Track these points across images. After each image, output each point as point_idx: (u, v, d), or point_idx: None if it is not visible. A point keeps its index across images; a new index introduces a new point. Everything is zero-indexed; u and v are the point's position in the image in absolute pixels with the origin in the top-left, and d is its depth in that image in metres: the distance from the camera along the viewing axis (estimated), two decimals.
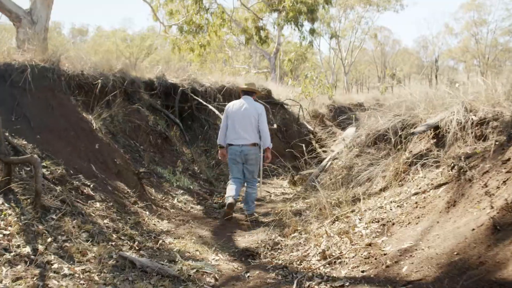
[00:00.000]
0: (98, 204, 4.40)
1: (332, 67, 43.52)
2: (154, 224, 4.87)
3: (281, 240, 4.50)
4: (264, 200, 7.24)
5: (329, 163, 7.31)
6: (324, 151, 12.83)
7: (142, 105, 8.23)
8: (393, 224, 3.76)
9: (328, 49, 43.53)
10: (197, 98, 9.59)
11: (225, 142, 6.08)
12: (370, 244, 3.59)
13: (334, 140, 16.31)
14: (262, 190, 7.78)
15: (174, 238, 4.55)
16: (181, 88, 9.41)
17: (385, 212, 4.14)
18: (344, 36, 41.22)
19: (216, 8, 15.96)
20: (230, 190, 5.84)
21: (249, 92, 6.26)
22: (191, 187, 7.15)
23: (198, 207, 6.37)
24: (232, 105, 6.12)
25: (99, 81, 7.07)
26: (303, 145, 12.11)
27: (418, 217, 3.69)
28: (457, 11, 59.01)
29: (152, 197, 5.86)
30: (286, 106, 13.32)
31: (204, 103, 9.45)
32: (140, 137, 7.55)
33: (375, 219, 4.06)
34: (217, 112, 9.27)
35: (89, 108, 6.55)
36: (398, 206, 4.12)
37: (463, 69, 59.60)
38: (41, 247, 3.07)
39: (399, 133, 5.38)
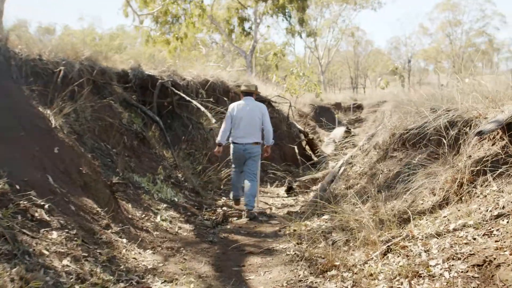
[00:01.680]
0: (55, 234, 3.08)
1: (307, 66, 42.63)
2: (135, 258, 3.57)
3: (316, 282, 3.27)
4: (265, 214, 6.02)
5: (342, 168, 6.14)
6: (319, 155, 11.73)
7: (115, 100, 6.87)
8: (498, 266, 2.58)
9: (304, 47, 42.65)
10: (178, 92, 8.29)
11: (225, 141, 6.29)
12: None
13: (320, 141, 15.32)
14: (259, 201, 6.57)
15: (164, 281, 3.27)
16: (160, 81, 8.08)
17: (465, 243, 2.96)
18: (320, 35, 40.46)
19: None
20: (235, 189, 6.37)
21: (250, 93, 6.53)
22: (176, 199, 5.88)
23: (187, 226, 5.09)
24: (236, 106, 6.31)
25: (61, 68, 5.71)
26: (295, 147, 11.00)
27: None
28: (432, 11, 59.15)
29: (130, 216, 4.55)
30: (273, 104, 12.13)
31: (188, 98, 8.16)
32: (113, 138, 6.21)
33: (455, 253, 2.87)
34: (202, 109, 8.00)
35: (48, 100, 5.17)
36: (485, 234, 2.95)
37: (433, 71, 60.06)
38: None
39: (450, 133, 4.23)
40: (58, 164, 4.10)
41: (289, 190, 7.65)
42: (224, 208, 6.13)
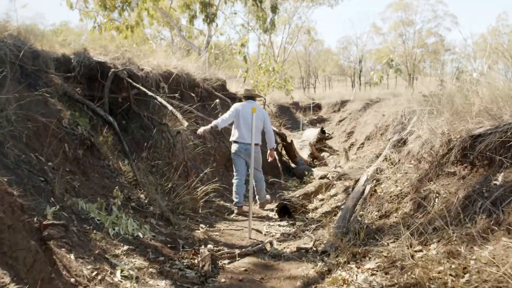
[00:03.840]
0: None
1: (273, 62, 41.13)
2: None
3: None
4: (266, 253, 4.40)
5: (367, 188, 4.65)
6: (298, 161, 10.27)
7: (52, 93, 5.03)
8: None
9: (258, 45, 41.15)
10: (137, 85, 6.52)
11: (220, 129, 6.48)
12: None
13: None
14: (251, 229, 4.99)
15: None
16: (113, 69, 6.28)
17: None
18: (275, 32, 39.15)
19: None
20: (237, 194, 6.45)
21: (252, 97, 6.81)
22: (140, 234, 4.16)
23: (162, 284, 3.38)
24: (241, 106, 6.57)
25: None
26: (274, 152, 9.45)
27: None
28: (385, 10, 59.61)
29: (73, 280, 2.81)
30: None
31: (150, 93, 6.40)
32: (48, 146, 4.39)
33: None
34: (170, 108, 6.29)
35: None
36: None
37: (379, 71, 60.70)
38: None
39: None
40: None
41: (282, 211, 6.12)
42: (210, 245, 4.46)
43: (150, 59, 8.15)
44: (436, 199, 3.64)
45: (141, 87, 6.37)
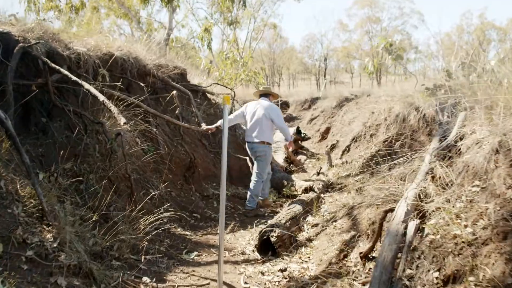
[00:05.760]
0: None
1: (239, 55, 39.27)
2: None
3: None
4: None
5: (411, 227, 2.95)
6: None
7: None
8: None
9: (221, 41, 39.05)
10: (60, 69, 4.63)
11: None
12: None
13: None
14: (222, 283, 3.24)
15: None
16: (21, 44, 4.37)
17: None
18: (239, 26, 37.39)
19: None
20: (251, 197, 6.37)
21: (266, 94, 6.66)
22: None
23: None
24: (249, 104, 6.56)
25: None
26: (247, 158, 7.72)
27: None
28: (351, 7, 58.80)
29: None
30: (209, 96, 8.73)
31: (75, 78, 4.53)
32: None
33: None
34: (102, 98, 4.42)
35: None
36: None
37: (343, 69, 60.14)
38: None
39: None
40: None
41: (263, 246, 4.38)
42: None
43: (86, 38, 6.25)
44: None
45: (62, 70, 4.49)
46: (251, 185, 6.35)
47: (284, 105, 26.62)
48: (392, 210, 3.18)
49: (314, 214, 5.57)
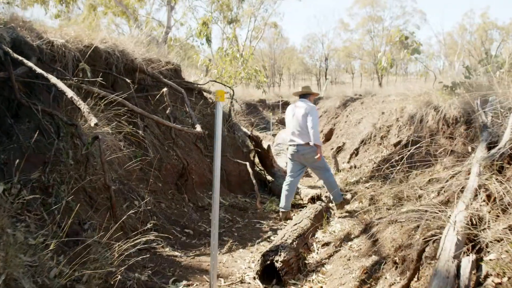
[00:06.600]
0: None
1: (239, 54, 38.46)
2: None
3: None
4: None
5: (466, 265, 2.23)
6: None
7: None
8: None
9: (222, 40, 38.16)
10: (27, 62, 3.92)
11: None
12: None
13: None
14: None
15: None
16: None
17: None
18: (240, 25, 36.65)
19: None
20: (282, 198, 5.98)
21: (305, 94, 6.22)
22: None
23: None
24: (289, 107, 6.30)
25: None
26: (247, 163, 6.99)
27: None
28: (352, 6, 58.17)
29: None
30: (206, 95, 8.01)
31: (40, 70, 3.82)
32: None
33: None
34: (70, 94, 3.70)
35: None
36: None
37: (344, 69, 59.43)
38: None
39: None
40: None
41: (266, 273, 3.67)
42: None
43: (66, 28, 5.54)
44: None
45: (26, 62, 3.78)
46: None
47: (285, 106, 25.95)
48: (433, 237, 2.46)
49: (324, 229, 4.85)
